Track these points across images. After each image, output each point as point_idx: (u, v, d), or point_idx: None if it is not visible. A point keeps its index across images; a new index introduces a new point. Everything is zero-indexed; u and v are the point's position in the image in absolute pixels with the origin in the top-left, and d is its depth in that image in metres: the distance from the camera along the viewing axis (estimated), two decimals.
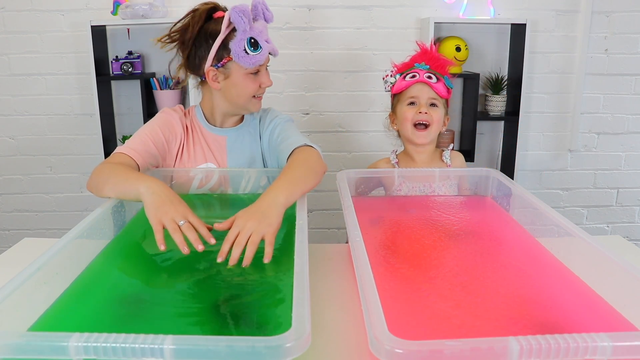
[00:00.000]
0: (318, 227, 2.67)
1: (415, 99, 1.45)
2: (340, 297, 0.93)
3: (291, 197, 0.99)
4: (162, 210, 0.91)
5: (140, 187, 0.97)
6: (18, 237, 2.53)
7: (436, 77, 1.44)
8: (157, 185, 0.98)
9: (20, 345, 0.56)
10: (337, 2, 2.39)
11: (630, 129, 2.60)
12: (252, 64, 1.22)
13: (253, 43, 1.21)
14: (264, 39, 1.23)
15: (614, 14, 2.43)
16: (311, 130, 2.52)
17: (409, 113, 1.44)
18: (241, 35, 1.20)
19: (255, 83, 1.27)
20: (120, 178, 1.05)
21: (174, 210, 0.91)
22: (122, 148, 1.21)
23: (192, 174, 1.29)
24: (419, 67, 1.46)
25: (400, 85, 1.47)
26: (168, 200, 0.93)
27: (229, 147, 1.36)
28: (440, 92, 1.43)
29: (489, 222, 1.19)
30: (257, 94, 1.29)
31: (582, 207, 2.72)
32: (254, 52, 1.21)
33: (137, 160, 1.19)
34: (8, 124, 2.51)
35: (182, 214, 0.91)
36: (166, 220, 0.90)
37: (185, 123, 1.35)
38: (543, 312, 0.76)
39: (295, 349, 0.54)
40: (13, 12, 2.36)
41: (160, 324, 0.72)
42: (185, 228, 0.88)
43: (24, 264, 0.76)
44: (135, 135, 1.27)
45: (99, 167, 1.13)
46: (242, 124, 1.39)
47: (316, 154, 1.18)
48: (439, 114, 1.45)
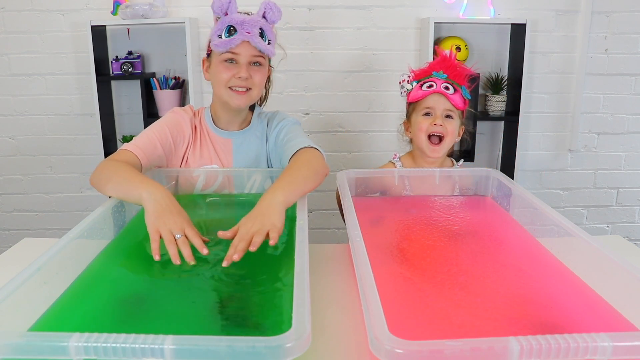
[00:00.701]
0: (318, 227, 2.67)
1: (431, 109, 1.44)
2: (340, 297, 0.93)
3: (290, 196, 0.99)
4: (161, 220, 0.90)
5: (143, 192, 0.97)
6: (18, 237, 2.52)
7: (453, 87, 1.43)
8: (160, 192, 0.97)
9: (21, 345, 0.55)
10: (337, 2, 2.39)
11: (630, 129, 2.60)
12: (221, 47, 1.22)
13: (230, 30, 1.21)
14: (245, 30, 1.22)
15: (614, 14, 2.43)
16: (311, 130, 2.52)
17: (424, 124, 1.44)
18: (220, 21, 1.22)
19: (229, 71, 1.25)
20: (123, 178, 1.05)
21: (173, 221, 0.90)
22: (128, 145, 1.21)
23: (196, 174, 1.29)
24: (436, 75, 1.45)
25: (416, 95, 1.47)
26: (168, 210, 0.92)
27: (235, 149, 1.36)
28: (456, 103, 1.43)
29: (489, 222, 1.19)
30: (231, 84, 1.26)
31: (582, 207, 2.72)
32: (227, 38, 1.21)
33: (142, 159, 1.19)
34: (8, 124, 2.51)
35: (180, 225, 0.90)
36: (163, 231, 0.89)
37: (195, 123, 1.36)
38: (543, 312, 0.75)
39: (296, 349, 0.54)
40: (13, 12, 2.36)
41: (160, 324, 0.72)
42: (181, 243, 0.88)
43: (24, 264, 0.75)
44: (144, 133, 1.27)
45: (103, 163, 1.13)
46: (249, 126, 1.38)
47: (319, 156, 1.18)
48: (454, 126, 1.44)
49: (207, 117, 1.37)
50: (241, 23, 1.21)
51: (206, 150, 1.35)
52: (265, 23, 1.26)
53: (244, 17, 1.22)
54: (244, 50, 1.23)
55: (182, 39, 2.28)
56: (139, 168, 1.18)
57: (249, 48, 1.23)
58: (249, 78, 1.25)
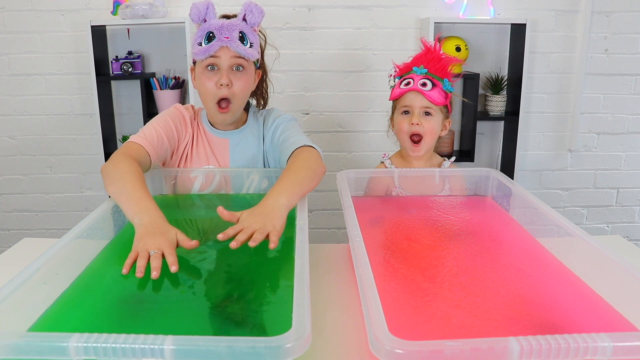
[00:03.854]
0: (318, 227, 2.67)
1: (408, 107, 1.44)
2: (340, 297, 0.93)
3: (293, 199, 0.99)
4: (143, 241, 0.90)
5: (135, 218, 0.96)
6: (18, 237, 2.52)
7: (432, 82, 1.41)
8: (149, 217, 0.95)
9: (20, 345, 0.55)
10: (337, 2, 2.39)
11: (630, 129, 2.60)
12: (201, 54, 1.22)
13: (210, 37, 1.21)
14: (224, 35, 1.21)
15: (614, 14, 2.44)
16: (311, 130, 2.52)
17: (403, 124, 1.44)
18: (200, 28, 1.23)
19: (211, 80, 1.24)
20: (124, 191, 1.03)
21: (152, 242, 0.89)
22: (136, 138, 1.21)
23: (194, 175, 1.29)
24: (415, 71, 1.44)
25: (395, 93, 1.47)
26: (152, 232, 0.91)
27: (232, 149, 1.36)
28: (434, 100, 1.40)
29: (489, 222, 1.19)
30: (217, 96, 1.25)
31: (582, 207, 2.72)
32: (206, 45, 1.22)
33: (150, 152, 1.20)
34: (8, 124, 2.51)
35: (158, 245, 0.89)
36: (141, 250, 0.88)
37: (192, 124, 1.36)
38: (543, 312, 0.75)
39: (296, 350, 0.54)
40: (13, 12, 2.36)
41: (160, 324, 0.72)
42: (153, 257, 0.87)
43: (24, 264, 0.75)
44: (149, 125, 1.27)
45: (115, 160, 1.11)
46: (245, 125, 1.38)
47: (316, 155, 1.18)
48: (432, 124, 1.43)
49: (204, 117, 1.38)
50: (219, 28, 1.21)
51: (203, 150, 1.35)
52: (245, 26, 1.25)
53: (222, 22, 1.22)
54: (224, 54, 1.23)
55: (182, 39, 2.28)
56: (148, 164, 1.19)
57: (228, 52, 1.23)
58: (230, 85, 1.24)
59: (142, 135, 1.22)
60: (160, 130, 1.26)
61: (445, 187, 1.36)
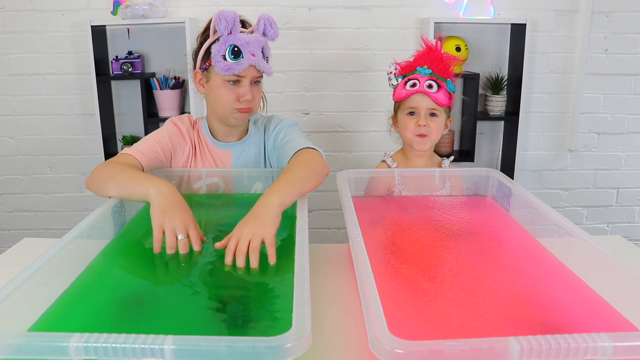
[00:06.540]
0: (318, 227, 2.67)
1: (415, 109, 1.44)
2: (340, 297, 0.93)
3: (287, 197, 0.98)
4: (167, 216, 0.91)
5: (150, 188, 0.97)
6: (18, 237, 2.53)
7: (437, 84, 1.42)
8: (166, 187, 0.98)
9: (21, 345, 0.55)
10: (337, 2, 2.39)
11: (630, 129, 2.60)
12: (226, 70, 1.20)
13: (235, 51, 1.19)
14: (250, 52, 1.20)
15: (614, 14, 2.43)
16: (311, 130, 2.52)
17: (409, 124, 1.45)
18: (223, 40, 1.19)
19: (232, 93, 1.23)
20: (125, 177, 1.04)
21: (179, 219, 0.91)
22: (128, 150, 1.20)
23: (197, 186, 1.29)
24: (420, 72, 1.44)
25: (400, 94, 1.46)
26: (174, 206, 0.93)
27: (235, 160, 1.36)
28: (440, 101, 1.42)
29: (489, 222, 1.19)
30: (236, 106, 1.25)
31: (582, 207, 2.72)
32: (232, 60, 1.19)
33: (143, 162, 1.18)
34: (8, 124, 2.51)
35: (185, 225, 0.91)
36: (168, 229, 0.90)
37: (192, 136, 1.35)
38: (543, 312, 0.75)
39: (296, 349, 0.54)
40: (13, 12, 2.36)
41: (160, 324, 0.72)
42: (181, 245, 0.90)
43: (24, 264, 0.75)
44: (143, 140, 1.27)
45: (101, 166, 1.13)
46: (247, 136, 1.37)
47: (318, 156, 1.18)
48: (438, 124, 1.45)
49: (205, 128, 1.36)
50: (246, 44, 1.19)
51: (206, 162, 1.34)
52: (266, 41, 1.25)
53: (248, 38, 1.20)
54: (249, 72, 1.23)
55: (182, 39, 2.28)
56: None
57: (253, 70, 1.23)
58: (252, 100, 1.25)
59: (135, 148, 1.21)
60: (154, 142, 1.25)
61: (446, 185, 1.37)
